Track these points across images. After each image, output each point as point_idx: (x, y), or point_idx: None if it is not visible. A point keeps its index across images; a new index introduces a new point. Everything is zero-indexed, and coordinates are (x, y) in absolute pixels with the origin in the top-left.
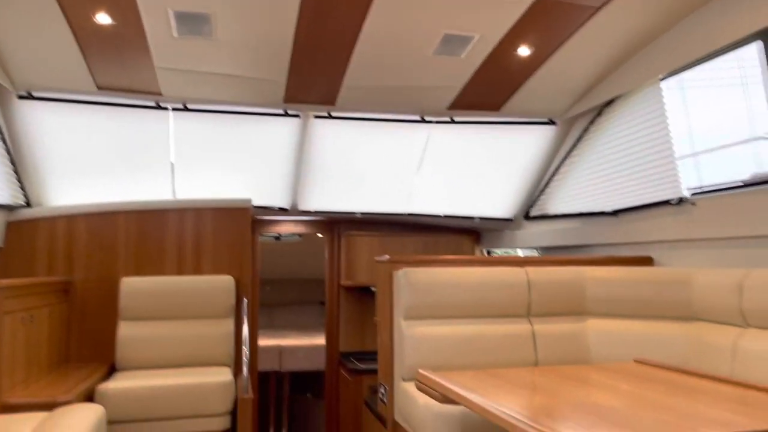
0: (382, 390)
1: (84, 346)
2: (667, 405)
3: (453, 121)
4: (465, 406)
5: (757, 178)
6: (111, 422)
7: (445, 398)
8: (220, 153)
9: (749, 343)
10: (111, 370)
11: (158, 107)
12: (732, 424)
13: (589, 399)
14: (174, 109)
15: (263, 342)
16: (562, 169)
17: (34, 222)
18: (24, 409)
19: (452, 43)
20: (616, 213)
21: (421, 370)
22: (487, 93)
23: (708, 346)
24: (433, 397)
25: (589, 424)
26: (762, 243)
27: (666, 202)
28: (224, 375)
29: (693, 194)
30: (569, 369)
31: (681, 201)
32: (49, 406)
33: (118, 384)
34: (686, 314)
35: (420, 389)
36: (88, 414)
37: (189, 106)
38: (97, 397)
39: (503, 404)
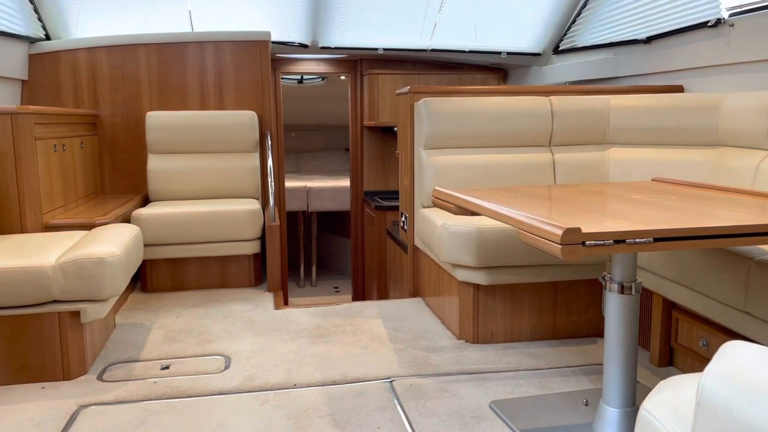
0: (404, 218)
1: (118, 179)
2: (677, 207)
3: None
4: (476, 211)
5: None
6: (146, 245)
7: (460, 209)
8: None
9: None
10: (145, 201)
11: None
12: (740, 220)
13: (601, 205)
14: None
15: (291, 183)
16: None
17: (55, 55)
18: (64, 230)
19: None
20: (649, 40)
21: (437, 187)
22: None
23: (730, 170)
24: (447, 210)
25: (598, 220)
26: None
27: (702, 25)
28: (252, 205)
29: (731, 14)
30: (585, 185)
31: (718, 23)
32: (88, 227)
33: (152, 210)
34: (711, 140)
35: (436, 204)
36: (126, 229)
37: None
38: (133, 221)
39: (515, 209)
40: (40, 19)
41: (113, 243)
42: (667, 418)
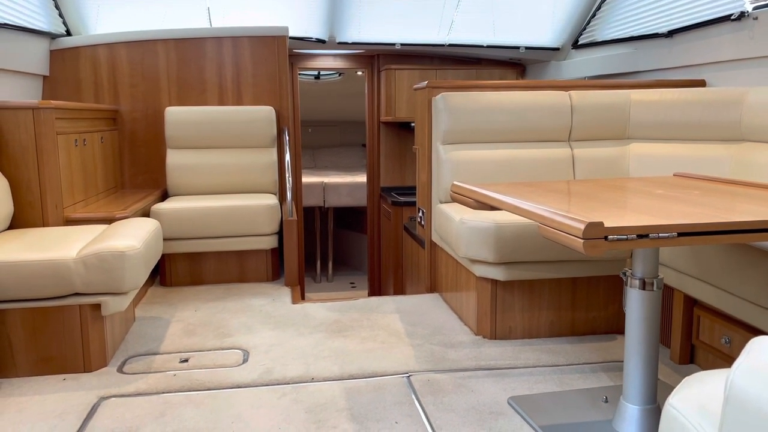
0: (421, 214)
1: (137, 174)
2: (700, 202)
3: None
4: (496, 206)
5: None
6: (165, 239)
7: (479, 204)
8: None
9: None
10: (164, 196)
11: None
12: (765, 215)
13: (623, 200)
14: None
15: (307, 179)
16: None
17: (76, 50)
18: (85, 223)
19: None
20: (670, 34)
21: (455, 182)
22: None
23: (754, 165)
24: (466, 204)
25: (620, 215)
26: None
27: (725, 18)
28: (270, 199)
29: (756, 7)
30: (606, 179)
31: (741, 16)
32: (108, 221)
33: (171, 204)
34: (734, 135)
35: (454, 199)
36: (146, 224)
37: None
38: (152, 215)
39: (536, 203)
40: (60, 15)
41: (133, 237)
42: (694, 413)
